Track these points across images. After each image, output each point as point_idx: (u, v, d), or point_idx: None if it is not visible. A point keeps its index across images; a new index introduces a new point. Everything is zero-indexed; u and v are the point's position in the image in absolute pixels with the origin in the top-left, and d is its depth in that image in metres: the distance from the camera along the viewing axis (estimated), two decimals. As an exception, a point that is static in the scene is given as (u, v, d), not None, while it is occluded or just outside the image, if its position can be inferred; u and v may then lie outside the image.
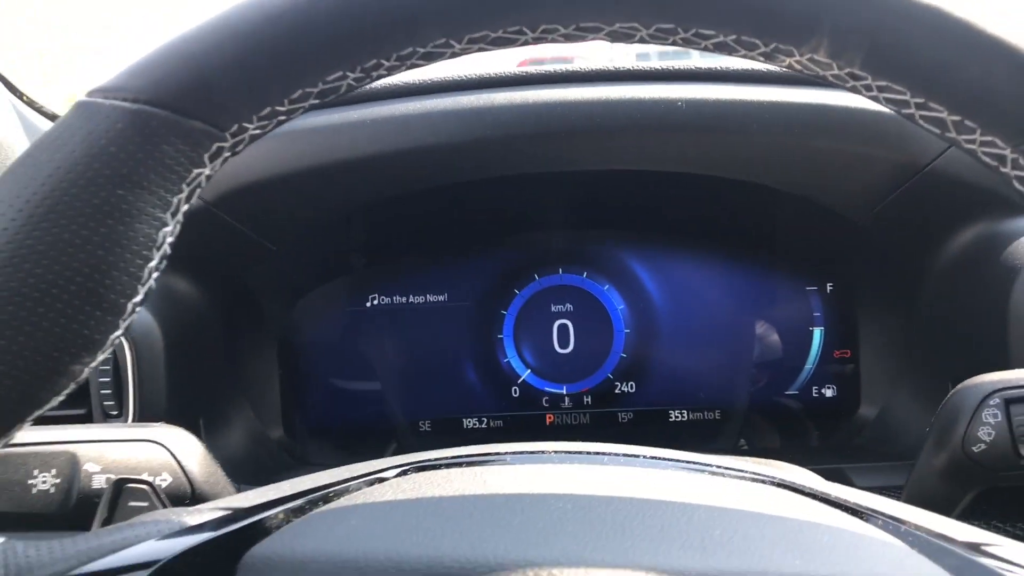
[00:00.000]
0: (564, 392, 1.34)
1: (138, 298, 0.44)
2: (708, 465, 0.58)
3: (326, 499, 0.49)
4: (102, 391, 1.06)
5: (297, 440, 1.33)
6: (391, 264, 1.33)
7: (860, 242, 1.19)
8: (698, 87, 1.03)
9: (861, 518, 0.46)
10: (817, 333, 1.31)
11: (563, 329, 1.34)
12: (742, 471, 0.58)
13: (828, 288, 1.30)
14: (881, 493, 1.08)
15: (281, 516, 0.48)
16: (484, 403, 1.34)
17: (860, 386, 1.30)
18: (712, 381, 1.33)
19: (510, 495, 0.45)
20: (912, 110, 0.44)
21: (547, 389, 1.34)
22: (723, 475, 0.55)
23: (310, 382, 1.34)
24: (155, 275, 0.45)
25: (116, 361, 1.06)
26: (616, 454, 0.60)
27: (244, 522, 0.48)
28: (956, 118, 0.43)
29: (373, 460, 0.60)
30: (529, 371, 1.34)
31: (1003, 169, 0.44)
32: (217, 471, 0.88)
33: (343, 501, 0.47)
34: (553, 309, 1.34)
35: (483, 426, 1.33)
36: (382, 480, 0.51)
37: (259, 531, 0.45)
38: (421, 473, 0.51)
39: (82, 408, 1.07)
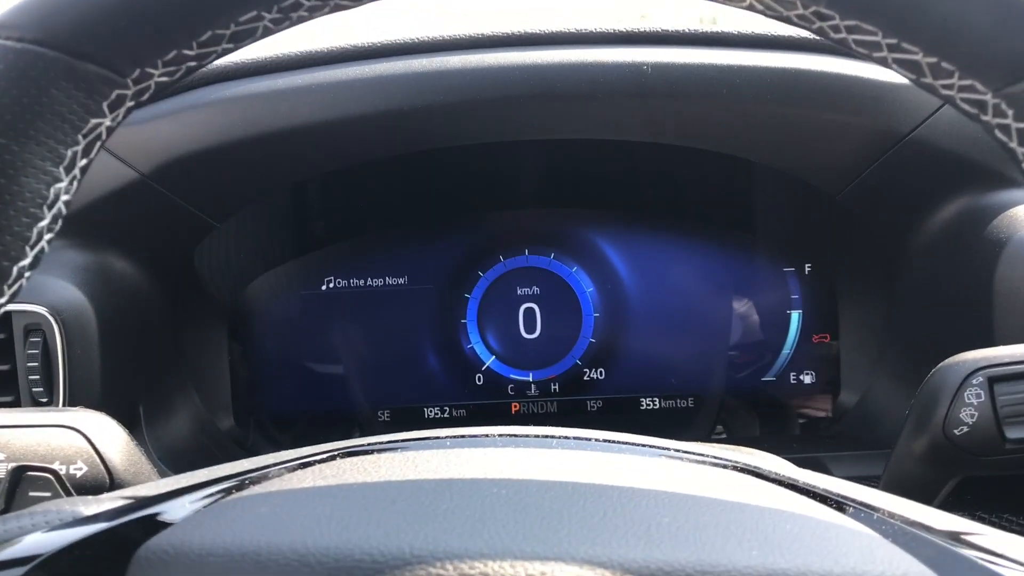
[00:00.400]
0: (530, 379, 1.27)
1: (26, 261, 0.40)
2: (665, 449, 0.55)
3: (240, 487, 0.46)
4: (30, 376, 0.99)
5: (248, 430, 1.26)
6: (347, 244, 1.26)
7: (839, 218, 1.13)
8: (665, 51, 0.97)
9: (830, 505, 0.43)
10: (795, 316, 1.25)
11: (529, 313, 1.27)
12: (702, 455, 0.54)
13: (806, 269, 1.24)
14: (859, 483, 1.02)
15: (186, 505, 0.44)
16: (447, 391, 1.27)
17: (840, 371, 1.24)
18: (685, 367, 1.27)
19: (440, 481, 0.42)
20: (884, 53, 0.40)
21: (512, 376, 1.27)
22: (680, 459, 0.51)
23: (262, 369, 1.27)
24: (48, 237, 0.41)
25: (46, 345, 0.99)
26: (567, 437, 0.55)
27: (143, 512, 0.44)
28: (932, 60, 0.39)
29: (308, 447, 0.57)
30: (494, 357, 1.27)
31: (984, 117, 0.40)
32: (141, 460, 0.81)
33: (256, 488, 0.44)
34: (519, 292, 1.27)
35: (445, 415, 1.27)
36: (306, 466, 0.48)
37: (158, 522, 0.41)
38: (349, 458, 0.48)
39: (10, 395, 1.00)
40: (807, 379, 1.25)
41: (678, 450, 0.54)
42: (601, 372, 1.27)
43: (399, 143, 1.03)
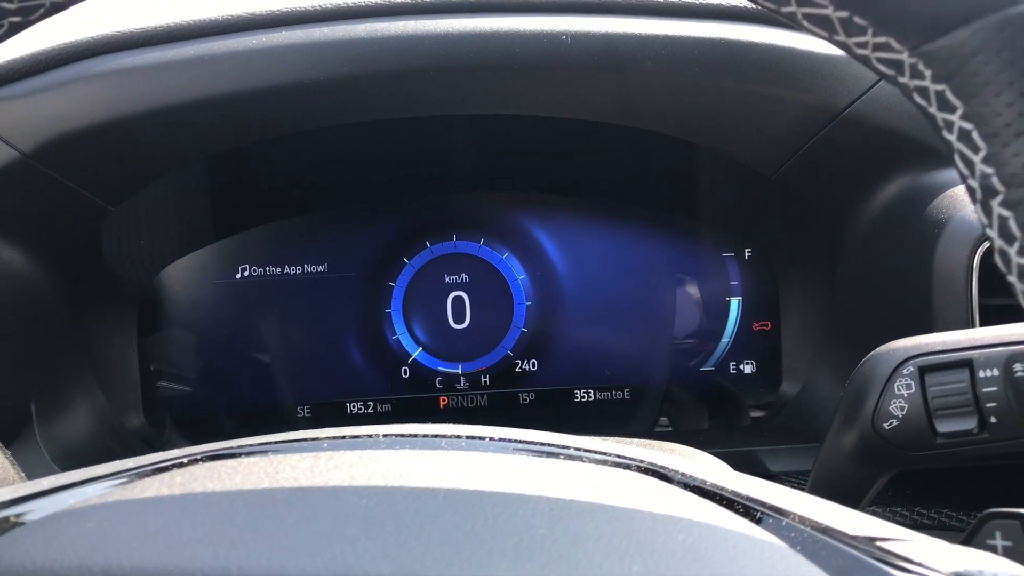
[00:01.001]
0: (459, 372, 1.21)
1: None
2: (566, 448, 0.50)
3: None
4: (-97, 373, 0.92)
5: (161, 429, 1.19)
6: (263, 229, 1.19)
7: (776, 200, 1.08)
8: (586, 19, 0.90)
9: (735, 511, 0.40)
10: (735, 303, 1.20)
11: (458, 303, 1.21)
12: (606, 454, 0.50)
13: (746, 253, 1.19)
14: (793, 478, 0.97)
15: (10, 518, 0.40)
16: (371, 385, 1.21)
17: (782, 360, 1.19)
18: (622, 357, 1.21)
19: (295, 490, 0.38)
20: (793, 8, 0.37)
21: (440, 369, 1.21)
22: (580, 459, 0.47)
23: (175, 363, 1.20)
24: None
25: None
26: (458, 436, 0.51)
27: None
28: (843, 15, 0.36)
29: (178, 450, 0.52)
30: (420, 349, 1.21)
31: (901, 79, 0.37)
32: (2, 461, 0.73)
33: (94, 499, 0.40)
34: (447, 281, 1.21)
35: (369, 411, 1.20)
36: (160, 471, 0.44)
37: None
38: (208, 463, 0.45)
39: None
40: (748, 368, 1.20)
41: (581, 448, 0.50)
42: (534, 363, 1.21)
43: (307, 118, 0.96)
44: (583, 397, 1.20)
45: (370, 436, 0.52)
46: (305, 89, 0.90)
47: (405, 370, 1.21)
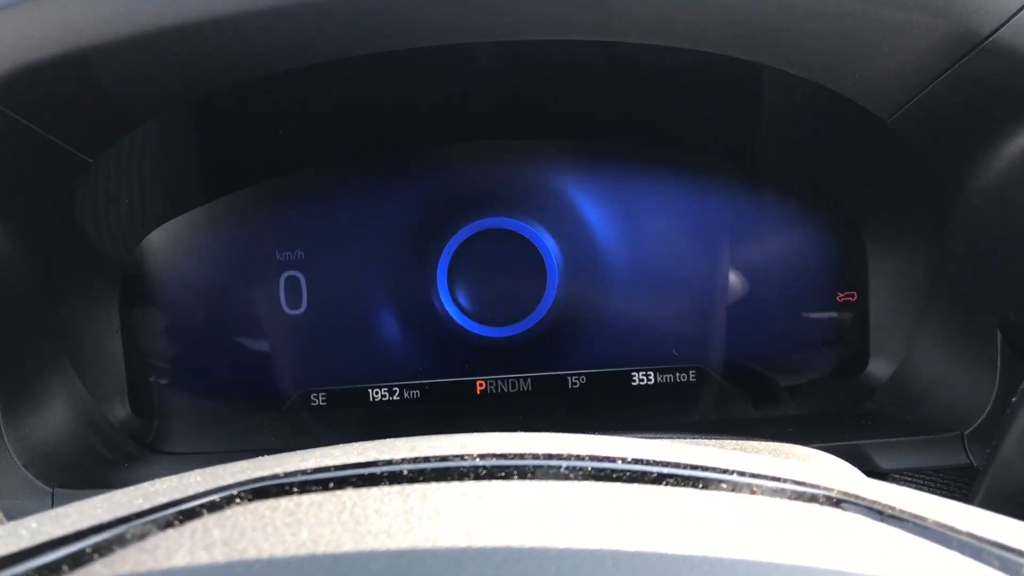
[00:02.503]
0: (496, 336, 1.04)
1: None
2: (717, 473, 0.41)
3: (100, 550, 0.33)
4: None
5: (150, 420, 1.02)
6: (269, 185, 1.01)
7: (881, 147, 0.91)
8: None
9: (984, 560, 0.34)
10: (817, 270, 1.04)
11: (497, 272, 1.04)
12: (774, 479, 0.41)
13: (830, 213, 1.03)
14: (909, 477, 0.82)
15: None
16: (398, 366, 1.04)
17: (868, 337, 1.03)
18: (684, 334, 1.05)
19: (393, 555, 0.30)
20: None
21: (476, 332, 1.04)
22: (748, 489, 0.40)
23: (164, 345, 1.02)
24: None
25: None
26: (579, 457, 0.42)
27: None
28: None
29: (201, 472, 0.43)
30: (459, 311, 1.04)
31: None
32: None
33: (101, 569, 0.32)
34: (488, 251, 1.04)
35: (395, 397, 1.04)
36: (191, 516, 0.36)
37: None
38: (254, 505, 0.37)
39: None
40: (829, 346, 1.05)
41: (731, 471, 0.41)
42: (581, 339, 1.05)
43: (325, 45, 0.78)
44: (642, 380, 1.05)
45: (461, 457, 0.42)
46: (325, 7, 0.72)
47: (440, 341, 1.04)
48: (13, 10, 0.73)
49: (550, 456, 0.43)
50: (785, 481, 0.42)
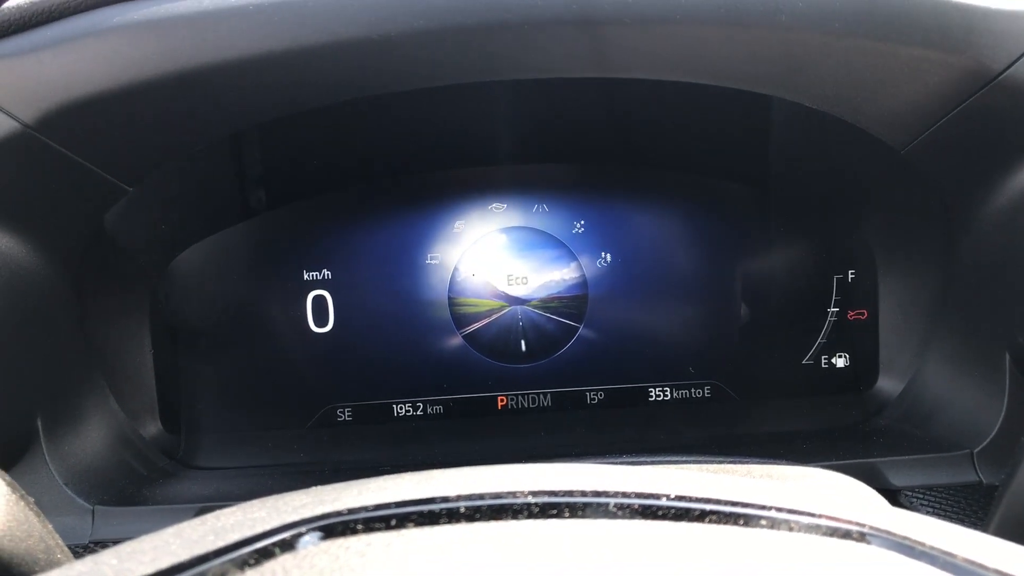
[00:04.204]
0: (518, 367, 1.07)
1: None
2: (756, 509, 0.43)
3: None
4: None
5: (179, 436, 1.04)
6: (297, 207, 1.04)
7: (893, 175, 0.95)
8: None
9: None
10: (829, 289, 1.07)
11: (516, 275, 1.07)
12: (808, 514, 0.43)
13: (843, 235, 1.06)
14: (920, 495, 0.85)
15: None
16: (421, 383, 1.07)
17: (878, 354, 1.07)
18: (700, 351, 1.08)
19: None
20: None
21: (497, 364, 1.07)
22: (785, 526, 0.42)
23: (195, 362, 1.05)
24: None
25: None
26: (624, 494, 0.43)
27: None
28: None
29: (262, 503, 0.44)
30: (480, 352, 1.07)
31: None
32: (29, 519, 0.59)
33: None
34: (503, 258, 1.07)
35: (419, 412, 1.07)
36: (266, 555, 0.37)
37: None
38: (327, 543, 0.37)
39: None
40: (840, 362, 1.08)
41: (770, 507, 0.43)
42: (601, 355, 1.08)
43: (362, 81, 0.80)
44: (658, 395, 1.08)
45: (513, 494, 0.43)
46: (370, 47, 0.75)
47: (460, 366, 1.07)
48: (60, 48, 0.75)
49: (598, 493, 0.45)
50: (819, 517, 0.45)
